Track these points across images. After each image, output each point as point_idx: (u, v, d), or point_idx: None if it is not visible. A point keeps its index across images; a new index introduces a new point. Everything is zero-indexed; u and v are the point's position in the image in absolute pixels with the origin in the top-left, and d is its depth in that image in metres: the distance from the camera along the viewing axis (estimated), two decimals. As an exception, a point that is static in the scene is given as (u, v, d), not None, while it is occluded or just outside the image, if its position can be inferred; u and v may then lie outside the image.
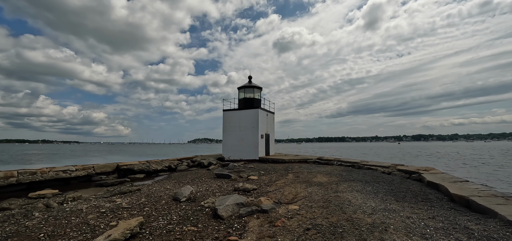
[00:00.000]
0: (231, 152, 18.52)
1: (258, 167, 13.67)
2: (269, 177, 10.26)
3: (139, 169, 14.20)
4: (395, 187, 7.17)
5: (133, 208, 5.94)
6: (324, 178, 8.76)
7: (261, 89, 19.83)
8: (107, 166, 13.53)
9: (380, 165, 11.97)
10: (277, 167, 13.79)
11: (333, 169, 11.80)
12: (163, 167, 15.48)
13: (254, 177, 10.21)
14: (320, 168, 12.59)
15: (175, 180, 10.59)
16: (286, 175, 10.40)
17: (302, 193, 6.24)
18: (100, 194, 8.37)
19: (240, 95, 19.58)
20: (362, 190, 6.44)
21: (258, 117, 17.63)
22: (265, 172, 11.75)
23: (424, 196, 6.00)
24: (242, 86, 19.32)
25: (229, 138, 18.89)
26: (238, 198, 5.40)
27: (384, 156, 35.23)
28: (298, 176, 9.85)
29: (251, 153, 17.64)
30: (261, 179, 9.88)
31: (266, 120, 19.09)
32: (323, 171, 10.95)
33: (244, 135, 18.14)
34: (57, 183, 11.07)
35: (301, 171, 11.34)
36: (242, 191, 7.32)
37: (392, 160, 27.31)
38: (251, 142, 17.74)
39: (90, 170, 12.68)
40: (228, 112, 19.19)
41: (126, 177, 13.12)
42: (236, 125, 18.59)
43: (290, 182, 8.34)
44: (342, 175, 9.46)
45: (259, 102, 19.08)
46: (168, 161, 16.71)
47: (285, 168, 12.89)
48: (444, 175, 8.41)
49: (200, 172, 13.43)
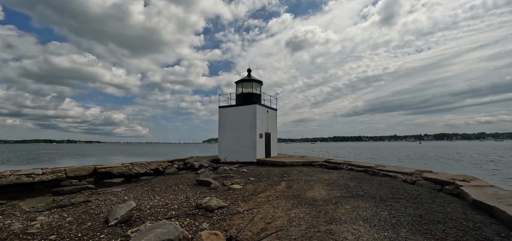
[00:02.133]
0: (227, 153, 16.61)
1: (251, 172, 11.63)
2: (256, 186, 8.22)
3: (118, 173, 12.71)
4: (425, 210, 4.84)
5: (41, 234, 4.24)
6: (322, 191, 6.56)
7: (261, 83, 17.74)
8: (83, 169, 12.14)
9: (400, 171, 9.50)
10: (274, 171, 11.68)
11: (339, 176, 9.50)
12: (148, 170, 13.88)
13: (237, 185, 8.22)
14: (323, 174, 10.33)
15: (150, 187, 8.92)
16: (278, 184, 8.30)
17: (280, 221, 4.14)
18: (41, 205, 6.85)
19: (237, 90, 17.62)
20: (373, 218, 4.20)
21: (256, 114, 15.56)
22: (255, 178, 9.70)
23: (476, 232, 3.68)
24: (239, 80, 17.34)
25: (225, 138, 16.99)
26: (171, 230, 3.43)
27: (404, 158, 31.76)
28: (291, 185, 7.71)
29: (248, 154, 15.62)
30: (245, 188, 7.86)
31: (267, 117, 16.98)
32: (326, 180, 8.71)
33: (241, 135, 16.15)
34: (17, 189, 9.78)
35: (298, 178, 9.17)
36: (204, 209, 5.34)
37: (415, 163, 24.11)
38: (248, 142, 15.72)
39: (61, 173, 11.34)
40: (223, 109, 17.29)
41: (103, 181, 11.81)
42: (233, 123, 16.64)
43: (276, 197, 6.24)
44: (349, 187, 7.18)
45: (258, 98, 17.01)
46: (157, 163, 15.13)
47: (282, 174, 10.76)
48: (495, 190, 5.91)
49: (186, 176, 11.64)
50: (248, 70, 18.15)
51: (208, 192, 7.55)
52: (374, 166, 11.07)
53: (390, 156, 35.32)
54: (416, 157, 31.90)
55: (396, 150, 55.77)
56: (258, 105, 15.76)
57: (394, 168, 10.62)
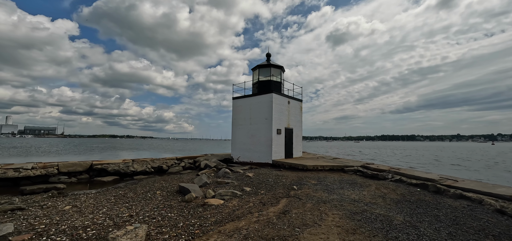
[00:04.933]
0: (240, 151, 14.19)
1: (256, 178, 8.94)
2: (242, 202, 5.57)
3: (113, 170, 11.45)
4: None
5: None
6: (335, 236, 3.56)
7: (282, 69, 14.77)
8: (78, 165, 11.22)
9: (489, 191, 5.67)
10: (286, 178, 8.79)
11: (377, 195, 6.17)
12: (148, 169, 12.37)
13: (216, 201, 5.70)
14: (353, 189, 7.06)
15: (123, 192, 7.19)
16: (275, 202, 5.49)
17: None
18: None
19: (254, 78, 15.01)
20: None
21: (273, 105, 12.72)
22: (252, 189, 7.03)
23: None
24: (256, 66, 14.70)
25: (238, 134, 14.58)
26: None
27: (475, 164, 24.86)
28: (290, 209, 4.83)
29: (263, 154, 12.91)
30: (224, 206, 5.30)
31: (288, 109, 13.97)
32: (352, 201, 5.53)
33: (255, 130, 13.52)
34: (3, 184, 9.10)
35: (311, 195, 6.19)
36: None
37: (498, 174, 18.11)
38: (263, 139, 13.01)
39: (52, 169, 10.55)
40: (237, 100, 14.88)
41: (94, 179, 10.76)
42: (247, 116, 14.12)
43: (256, 231, 3.52)
44: (392, 224, 3.95)
45: (278, 86, 14.11)
46: (162, 161, 13.60)
47: (293, 183, 7.83)
48: None
49: (181, 178, 9.63)
50: (267, 55, 15.38)
51: (179, 205, 5.24)
52: (438, 179, 7.27)
53: (453, 158, 28.24)
54: (492, 163, 24.55)
55: (462, 151, 45.83)
56: (275, 94, 12.87)
57: (474, 184, 6.68)
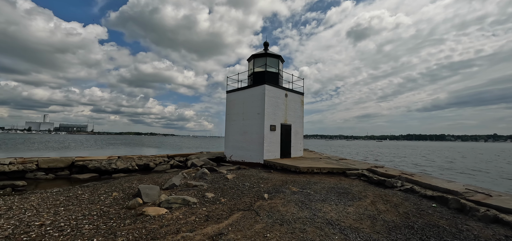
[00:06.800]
0: (233, 150, 12.92)
1: (232, 182, 7.64)
2: (189, 213, 4.36)
3: (93, 167, 10.84)
4: None
5: None
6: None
7: (280, 59, 13.23)
8: (59, 161, 10.76)
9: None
10: (268, 182, 7.38)
11: (367, 213, 4.64)
12: (132, 166, 11.58)
13: (159, 211, 4.53)
14: (338, 203, 5.53)
15: (82, 190, 6.42)
16: (228, 216, 4.18)
17: None
18: None
19: (249, 70, 13.64)
20: None
21: (265, 98, 11.28)
22: (216, 196, 5.75)
23: None
24: (251, 56, 13.32)
25: (231, 131, 13.33)
26: None
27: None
28: (227, 232, 3.49)
29: (255, 152, 11.53)
30: (162, 218, 4.13)
31: (285, 103, 12.44)
32: (327, 222, 4.09)
33: (247, 126, 12.17)
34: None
35: (278, 208, 4.79)
36: None
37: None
38: (255, 137, 11.63)
39: (31, 164, 10.14)
40: (231, 94, 13.61)
41: (71, 176, 10.28)
42: (239, 111, 12.81)
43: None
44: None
45: (274, 77, 12.61)
46: (150, 158, 12.80)
47: (270, 190, 6.41)
48: None
49: (161, 177, 8.62)
50: (265, 44, 13.92)
51: (98, 217, 4.12)
52: (463, 191, 5.43)
53: (484, 162, 24.63)
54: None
55: (498, 153, 40.65)
56: (267, 86, 11.40)
57: (513, 199, 4.80)
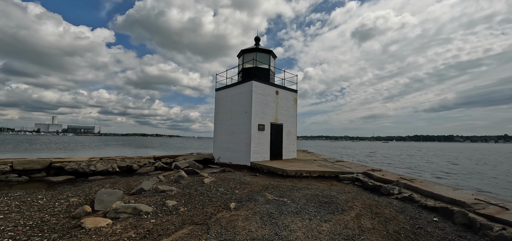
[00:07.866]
0: (221, 151, 12.12)
1: (206, 187, 6.83)
2: (130, 227, 3.56)
3: (71, 169, 10.19)
4: None
5: None
6: None
7: (272, 54, 12.39)
8: (36, 162, 10.14)
9: None
10: (246, 187, 6.55)
11: (346, 233, 3.75)
12: (112, 168, 10.90)
13: (99, 222, 3.76)
14: (314, 217, 4.66)
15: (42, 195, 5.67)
16: (175, 231, 3.35)
17: None
18: None
19: (239, 66, 12.84)
20: None
21: (252, 95, 10.46)
22: (179, 203, 4.97)
23: None
24: (240, 51, 12.52)
25: (219, 131, 12.53)
26: None
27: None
28: None
29: (242, 154, 10.70)
30: (96, 232, 3.32)
31: (276, 101, 11.58)
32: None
33: (235, 126, 11.36)
34: None
35: (237, 223, 3.93)
36: None
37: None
38: (242, 137, 10.80)
39: (4, 166, 9.56)
40: (220, 92, 12.82)
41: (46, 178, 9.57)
42: (227, 110, 12.01)
43: None
44: None
45: (265, 74, 11.78)
46: (134, 160, 12.12)
47: (242, 197, 5.57)
48: None
49: (138, 180, 7.90)
50: (256, 39, 13.11)
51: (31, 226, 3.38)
52: (472, 202, 4.49)
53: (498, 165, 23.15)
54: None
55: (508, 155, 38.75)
56: (255, 82, 10.56)
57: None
